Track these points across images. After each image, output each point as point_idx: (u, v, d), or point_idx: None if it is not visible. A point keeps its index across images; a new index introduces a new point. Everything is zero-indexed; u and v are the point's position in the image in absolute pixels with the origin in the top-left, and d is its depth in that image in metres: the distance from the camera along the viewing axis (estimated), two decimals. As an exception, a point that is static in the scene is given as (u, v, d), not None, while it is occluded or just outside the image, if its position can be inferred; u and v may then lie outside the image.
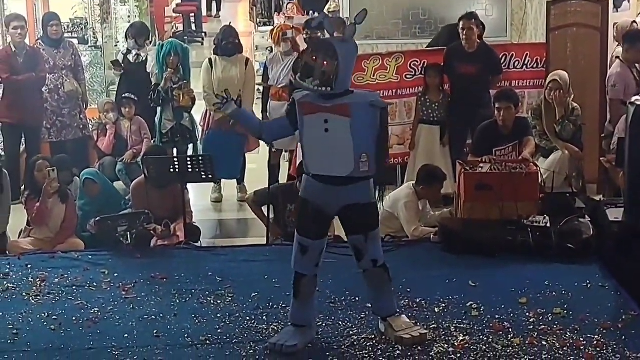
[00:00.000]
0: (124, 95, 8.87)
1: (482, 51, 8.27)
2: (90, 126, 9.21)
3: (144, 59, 9.09)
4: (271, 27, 10.57)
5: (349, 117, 4.79)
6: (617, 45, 7.92)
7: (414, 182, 7.19)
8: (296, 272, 5.07)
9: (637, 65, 7.64)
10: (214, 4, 19.89)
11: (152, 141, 8.61)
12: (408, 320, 5.15)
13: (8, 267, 6.31)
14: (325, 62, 4.80)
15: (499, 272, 6.03)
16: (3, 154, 8.79)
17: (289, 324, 5.11)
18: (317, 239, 5.03)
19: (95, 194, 7.33)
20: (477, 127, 7.55)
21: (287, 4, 12.12)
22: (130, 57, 9.16)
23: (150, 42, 10.28)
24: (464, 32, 8.19)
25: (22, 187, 7.56)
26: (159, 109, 8.62)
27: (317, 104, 4.85)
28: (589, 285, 5.76)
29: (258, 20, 15.60)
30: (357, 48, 5.00)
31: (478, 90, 8.15)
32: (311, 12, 11.32)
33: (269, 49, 9.67)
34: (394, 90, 8.60)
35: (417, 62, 8.58)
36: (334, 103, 4.82)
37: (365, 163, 4.85)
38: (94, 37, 11.41)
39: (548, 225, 6.31)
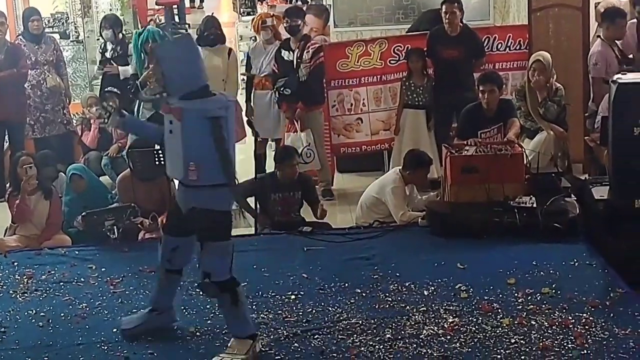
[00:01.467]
0: (106, 90, 8.83)
1: (464, 34, 8.27)
2: (74, 121, 9.17)
3: (120, 52, 9.03)
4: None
5: (180, 121, 4.65)
6: (598, 25, 7.92)
7: (400, 168, 7.18)
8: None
9: (617, 42, 7.65)
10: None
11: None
12: (244, 346, 4.77)
13: (-2, 267, 6.30)
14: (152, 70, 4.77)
15: (486, 253, 6.05)
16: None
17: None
18: (169, 234, 5.00)
19: (82, 189, 7.30)
20: (462, 110, 7.55)
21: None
22: (107, 54, 9.09)
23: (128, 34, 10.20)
24: (447, 16, 8.19)
25: (7, 185, 7.51)
26: (138, 97, 8.57)
27: (167, 104, 4.76)
28: (576, 264, 5.78)
29: (241, 10, 15.57)
30: (184, 47, 4.82)
31: (462, 74, 8.15)
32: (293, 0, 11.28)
33: (253, 38, 9.63)
34: (379, 76, 8.59)
35: (401, 47, 8.57)
36: (175, 105, 4.69)
37: (194, 172, 4.64)
38: (76, 32, 11.36)
39: (534, 205, 6.33)
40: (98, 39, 11.43)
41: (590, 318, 4.99)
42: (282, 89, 8.10)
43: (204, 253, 4.76)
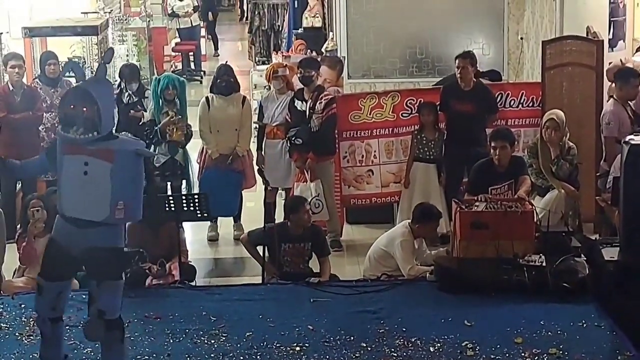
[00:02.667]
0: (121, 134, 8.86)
1: (478, 89, 8.31)
2: (87, 164, 9.17)
3: (136, 99, 9.10)
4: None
5: (112, 162, 4.78)
6: (611, 85, 7.94)
7: (409, 221, 7.17)
8: (36, 311, 5.12)
9: (630, 103, 7.67)
10: (211, 44, 20.03)
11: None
12: None
13: (2, 306, 6.28)
14: (85, 109, 4.81)
15: (494, 311, 6.01)
16: (-1, 192, 8.78)
17: None
18: (54, 280, 5.01)
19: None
20: (473, 165, 7.56)
21: (297, 42, 12.19)
22: (124, 98, 9.15)
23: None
24: (459, 71, 8.24)
25: (19, 226, 7.53)
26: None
27: (79, 145, 4.83)
28: (585, 325, 5.73)
29: (256, 59, 15.70)
30: (112, 87, 5.06)
31: (474, 129, 8.17)
32: (308, 51, 11.37)
33: (267, 87, 9.70)
34: (390, 129, 8.61)
35: (414, 100, 8.60)
36: (98, 147, 4.80)
37: (122, 210, 4.81)
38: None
39: (544, 264, 6.30)
40: (113, 84, 11.55)
41: (598, 380, 4.95)
42: (293, 138, 8.13)
43: (102, 292, 4.89)
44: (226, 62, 8.96)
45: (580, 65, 8.30)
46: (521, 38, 11.16)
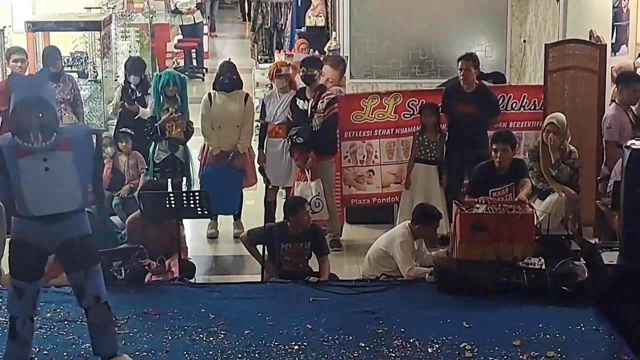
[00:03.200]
0: (120, 130, 8.89)
1: (480, 92, 8.31)
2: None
3: (139, 95, 9.09)
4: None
5: (71, 150, 4.87)
6: (614, 88, 7.94)
7: (409, 222, 7.17)
8: (11, 315, 5.09)
9: (632, 107, 7.67)
10: (214, 42, 20.05)
11: (146, 169, 8.60)
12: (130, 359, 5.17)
13: (1, 300, 6.27)
14: (40, 115, 4.84)
15: (493, 313, 6.02)
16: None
17: None
18: (34, 280, 5.04)
19: (94, 228, 7.29)
20: (474, 167, 7.56)
21: (300, 41, 12.20)
22: (127, 94, 9.14)
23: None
24: (462, 73, 8.24)
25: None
26: (154, 138, 8.61)
27: (31, 145, 4.86)
28: (583, 329, 5.74)
29: (259, 57, 15.69)
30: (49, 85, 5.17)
31: (475, 131, 8.17)
32: (311, 50, 11.37)
33: (269, 85, 9.70)
34: (392, 129, 8.61)
35: (415, 101, 8.60)
36: (58, 140, 4.88)
37: (91, 193, 4.99)
38: (94, 72, 11.45)
39: (543, 267, 6.31)
40: (116, 80, 11.58)
41: (595, 384, 4.95)
42: (294, 137, 8.13)
43: (90, 278, 5.03)
44: (229, 59, 8.95)
45: (583, 69, 8.30)
46: (524, 41, 11.18)
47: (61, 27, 10.88)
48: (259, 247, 7.08)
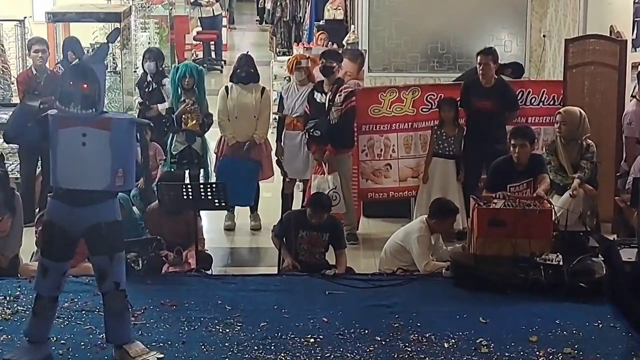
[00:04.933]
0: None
1: (498, 86, 8.28)
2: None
3: (156, 87, 9.10)
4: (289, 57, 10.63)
5: (110, 130, 4.93)
6: (635, 84, 7.90)
7: (426, 216, 7.16)
8: (37, 292, 5.19)
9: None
10: (232, 34, 20.07)
11: (163, 160, 8.63)
12: (143, 346, 5.25)
13: (19, 289, 6.31)
14: (85, 86, 4.91)
15: (510, 309, 6.00)
16: (19, 176, 8.82)
17: (25, 339, 5.22)
18: (59, 261, 5.13)
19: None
20: (492, 162, 7.54)
21: (319, 33, 12.19)
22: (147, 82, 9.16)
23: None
24: (481, 67, 8.22)
25: (37, 210, 7.58)
26: (172, 129, 8.63)
27: (74, 118, 4.95)
28: (600, 326, 5.72)
29: (277, 49, 15.70)
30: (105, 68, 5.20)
31: (494, 126, 8.15)
32: (329, 43, 11.36)
33: (287, 78, 9.70)
34: (410, 123, 8.60)
35: (434, 95, 8.58)
36: (95, 118, 4.95)
37: (121, 178, 5.00)
38: (114, 63, 11.49)
39: (561, 263, 6.28)
40: (135, 71, 11.60)
41: (612, 381, 4.93)
42: (312, 130, 8.13)
43: (115, 264, 5.10)
44: (247, 52, 8.96)
45: (603, 65, 8.26)
46: (544, 36, 11.12)
47: (81, 18, 10.94)
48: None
